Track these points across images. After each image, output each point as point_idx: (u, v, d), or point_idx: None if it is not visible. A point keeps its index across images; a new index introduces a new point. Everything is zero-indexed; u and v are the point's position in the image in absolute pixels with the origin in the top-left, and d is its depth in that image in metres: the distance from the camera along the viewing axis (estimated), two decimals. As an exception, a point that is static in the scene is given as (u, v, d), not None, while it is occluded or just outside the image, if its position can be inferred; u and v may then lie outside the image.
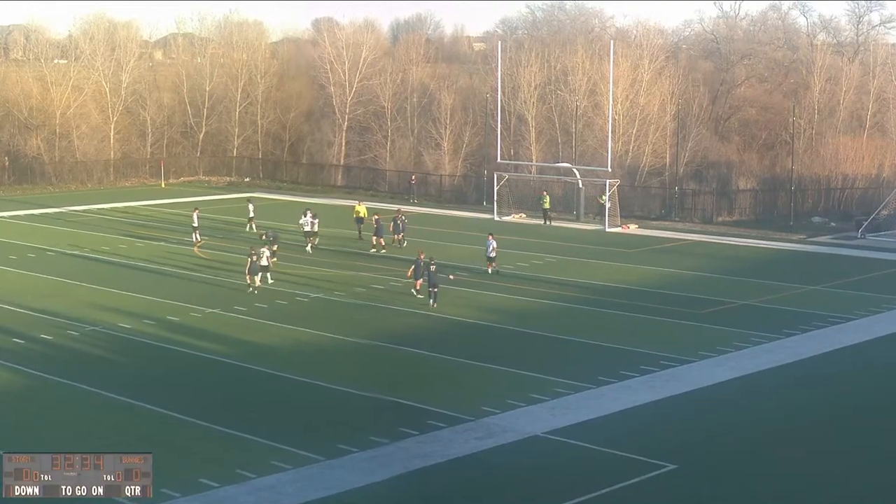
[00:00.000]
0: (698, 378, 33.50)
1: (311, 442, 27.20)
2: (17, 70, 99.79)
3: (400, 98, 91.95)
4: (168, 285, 47.41)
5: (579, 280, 49.04)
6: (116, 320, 40.57)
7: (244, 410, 30.15)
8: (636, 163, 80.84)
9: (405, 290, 45.70)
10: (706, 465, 26.36)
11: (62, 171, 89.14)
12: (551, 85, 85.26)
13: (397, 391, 31.68)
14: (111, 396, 31.35)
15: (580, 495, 24.13)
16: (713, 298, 45.12)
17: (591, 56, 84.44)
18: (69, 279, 48.80)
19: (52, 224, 67.14)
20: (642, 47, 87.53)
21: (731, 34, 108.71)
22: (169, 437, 28.08)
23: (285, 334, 38.97)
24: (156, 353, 36.54)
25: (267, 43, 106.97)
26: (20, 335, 38.18)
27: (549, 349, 37.14)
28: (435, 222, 66.47)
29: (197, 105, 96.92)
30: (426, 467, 25.87)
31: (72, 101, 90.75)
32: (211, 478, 24.78)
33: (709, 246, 60.02)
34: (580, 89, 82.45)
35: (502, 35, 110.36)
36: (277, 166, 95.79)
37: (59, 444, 27.18)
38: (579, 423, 29.10)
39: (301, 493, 24.12)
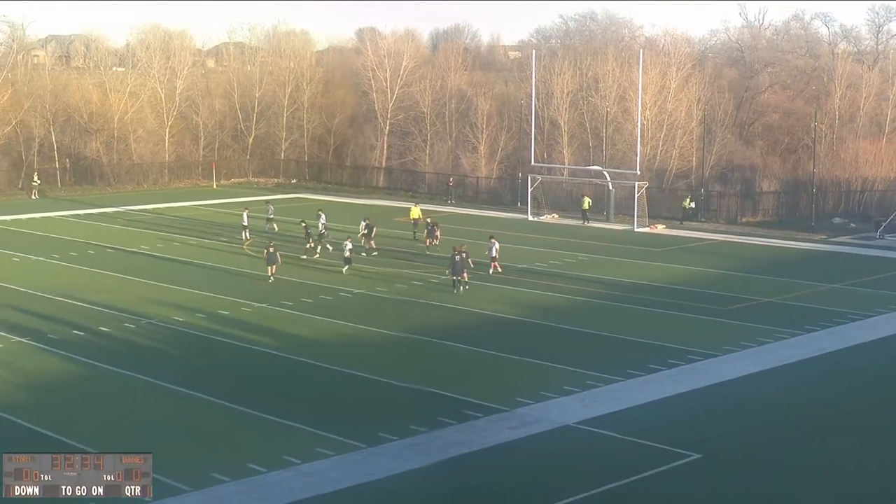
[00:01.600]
0: (723, 371, 33.33)
1: (353, 430, 27.24)
2: (78, 77, 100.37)
3: (439, 104, 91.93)
4: (219, 281, 47.60)
5: (609, 278, 48.87)
6: (170, 314, 40.78)
7: (291, 400, 30.24)
8: (664, 166, 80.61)
9: (444, 286, 45.75)
10: (731, 454, 26.20)
11: (119, 173, 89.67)
12: (583, 91, 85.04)
13: (435, 382, 31.70)
14: (165, 386, 31.53)
15: (609, 482, 24.09)
16: (737, 296, 44.87)
17: (621, 64, 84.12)
18: (126, 275, 49.08)
19: (109, 223, 67.56)
20: (670, 55, 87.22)
21: (756, 43, 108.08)
22: (218, 424, 28.23)
23: (330, 328, 39.05)
24: (207, 345, 36.71)
25: (313, 51, 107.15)
26: (80, 327, 38.44)
27: (580, 343, 37.04)
28: (471, 222, 66.40)
29: (247, 110, 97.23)
30: (462, 455, 25.87)
31: (129, 107, 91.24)
32: (258, 463, 24.87)
33: (733, 245, 59.69)
34: (610, 95, 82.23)
35: (536, 44, 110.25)
36: (322, 168, 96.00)
37: (114, 431, 27.47)
38: (609, 413, 29.03)
39: (344, 478, 24.18)
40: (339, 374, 32.93)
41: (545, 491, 23.65)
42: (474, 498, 23.58)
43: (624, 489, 23.83)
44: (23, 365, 33.63)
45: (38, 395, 30.80)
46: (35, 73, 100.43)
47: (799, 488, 24.30)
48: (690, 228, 65.67)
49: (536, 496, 23.38)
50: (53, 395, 30.89)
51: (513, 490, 23.94)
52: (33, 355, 34.71)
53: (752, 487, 24.20)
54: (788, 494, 23.96)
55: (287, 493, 23.31)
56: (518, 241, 59.57)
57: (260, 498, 23.02)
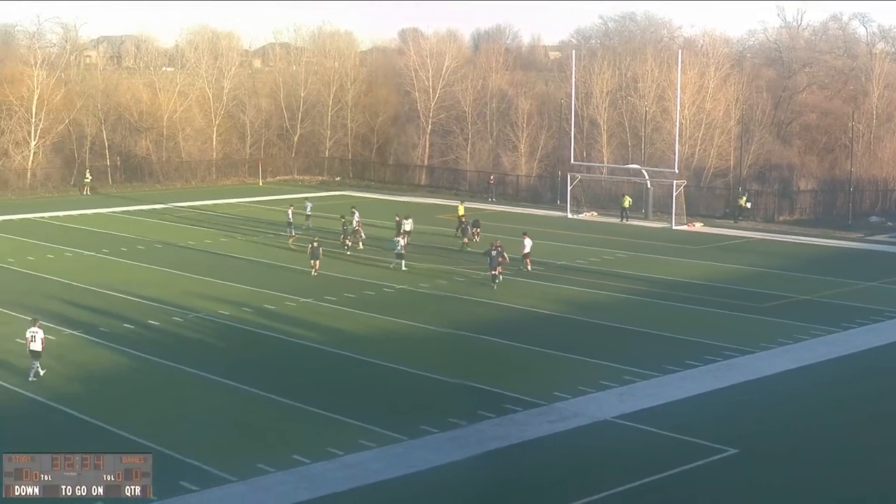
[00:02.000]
0: (760, 368, 33.16)
1: (395, 423, 27.34)
2: (128, 77, 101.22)
3: (480, 103, 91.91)
4: (264, 276, 47.87)
5: (647, 274, 48.72)
6: (217, 308, 41.07)
7: (334, 393, 30.37)
8: (702, 164, 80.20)
9: (485, 282, 45.81)
10: (768, 450, 26.03)
11: (168, 170, 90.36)
12: (622, 91, 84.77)
13: (475, 377, 31.73)
14: (212, 378, 31.76)
15: (646, 476, 24.02)
16: (774, 293, 44.60)
17: (660, 64, 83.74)
18: (174, 269, 49.47)
19: (159, 219, 68.11)
20: (708, 56, 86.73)
21: (794, 43, 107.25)
22: (263, 416, 28.39)
23: (373, 323, 39.18)
24: (253, 338, 36.92)
25: (357, 52, 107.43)
26: (130, 321, 38.79)
27: (617, 339, 36.96)
28: (511, 220, 66.37)
29: (292, 109, 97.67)
30: (501, 448, 25.89)
31: (178, 106, 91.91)
32: (303, 454, 25.00)
33: (770, 243, 59.31)
34: (649, 95, 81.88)
35: (577, 44, 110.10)
36: (366, 166, 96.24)
37: (163, 423, 27.70)
38: (646, 408, 28.96)
39: (386, 469, 24.27)
40: (381, 368, 33.05)
41: (584, 484, 23.62)
42: (514, 491, 23.60)
43: (661, 483, 23.76)
44: (75, 357, 33.99)
45: (91, 386, 31.11)
46: (87, 73, 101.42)
47: (836, 484, 24.14)
48: (728, 227, 65.33)
49: (576, 490, 23.33)
50: (105, 386, 31.18)
51: (552, 484, 23.94)
52: (85, 348, 35.07)
53: (789, 483, 24.06)
54: (826, 490, 23.79)
55: (330, 483, 23.43)
56: (557, 238, 59.49)
57: (304, 488, 23.13)
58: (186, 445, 25.66)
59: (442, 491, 23.47)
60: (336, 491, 23.05)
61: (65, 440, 26.36)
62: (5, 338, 36.18)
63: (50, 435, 26.84)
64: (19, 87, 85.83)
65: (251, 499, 22.57)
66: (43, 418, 28.20)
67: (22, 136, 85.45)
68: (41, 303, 41.66)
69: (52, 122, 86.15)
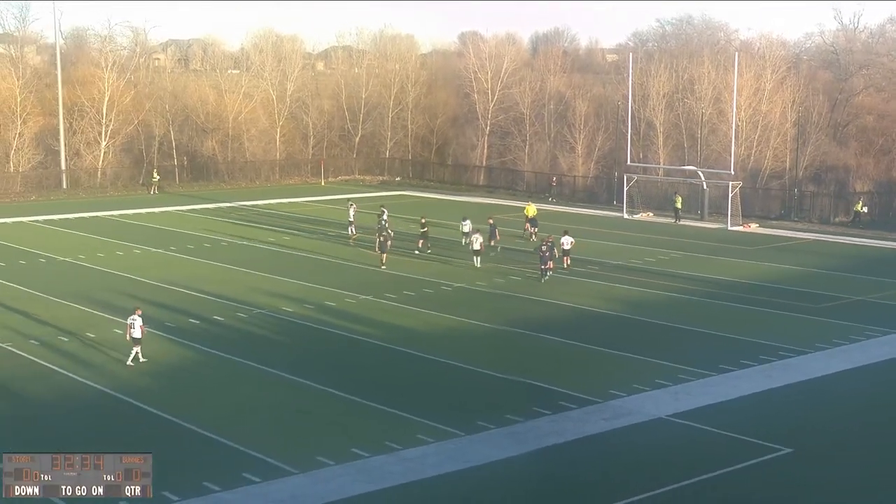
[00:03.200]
0: (814, 368, 32.77)
1: (452, 418, 27.34)
2: (195, 79, 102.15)
3: (538, 105, 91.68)
4: (326, 274, 48.07)
5: (702, 275, 48.32)
6: (279, 304, 41.31)
7: (393, 388, 30.44)
8: (757, 166, 79.45)
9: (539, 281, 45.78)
10: (821, 449, 25.78)
11: (233, 170, 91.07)
12: (678, 93, 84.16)
13: (531, 374, 31.67)
14: (274, 373, 31.95)
15: (700, 474, 23.85)
16: (829, 294, 44.06)
17: (717, 66, 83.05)
18: (239, 267, 49.83)
19: (224, 217, 68.64)
20: (765, 58, 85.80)
21: (850, 46, 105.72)
22: (324, 410, 28.53)
23: (431, 320, 39.21)
24: (314, 334, 37.09)
25: (417, 54, 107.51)
26: (196, 316, 39.13)
27: (673, 338, 36.68)
28: (568, 220, 66.09)
29: (354, 111, 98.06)
30: (558, 444, 25.81)
31: (243, 108, 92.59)
32: (362, 448, 25.07)
33: (826, 245, 58.59)
34: (706, 97, 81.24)
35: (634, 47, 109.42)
36: (425, 167, 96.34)
37: (228, 417, 27.92)
38: (701, 407, 28.73)
39: (443, 464, 24.28)
40: (439, 365, 33.06)
41: (640, 481, 23.47)
42: (571, 486, 23.50)
43: (717, 481, 23.56)
44: (143, 351, 34.31)
45: (159, 380, 31.42)
46: (156, 76, 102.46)
47: (890, 483, 23.80)
48: (783, 228, 64.62)
49: (631, 486, 23.20)
50: (172, 380, 31.49)
51: (607, 480, 23.81)
52: (153, 342, 35.35)
53: (842, 482, 23.78)
54: (878, 490, 23.47)
55: (388, 477, 23.48)
56: (613, 238, 59.22)
57: (362, 481, 23.21)
58: (249, 438, 25.85)
59: (498, 485, 23.43)
60: (393, 484, 23.10)
61: (130, 432, 26.69)
62: (76, 331, 36.69)
63: (115, 426, 27.17)
64: (91, 88, 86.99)
65: (311, 491, 22.67)
66: (112, 410, 28.55)
67: (93, 137, 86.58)
68: (110, 298, 42.18)
69: (121, 122, 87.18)
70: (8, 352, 34.13)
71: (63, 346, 34.77)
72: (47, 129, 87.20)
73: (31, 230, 62.19)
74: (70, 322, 38.21)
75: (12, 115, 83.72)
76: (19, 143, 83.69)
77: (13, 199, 78.18)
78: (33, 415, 28.20)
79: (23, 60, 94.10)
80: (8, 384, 30.64)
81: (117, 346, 34.70)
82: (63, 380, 31.17)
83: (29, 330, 36.93)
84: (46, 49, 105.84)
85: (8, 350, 34.31)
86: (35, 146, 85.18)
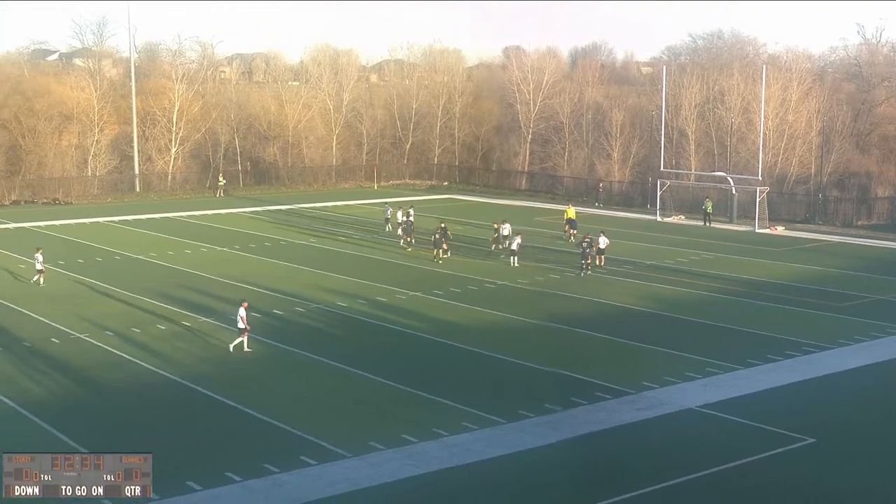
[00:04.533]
0: (837, 363, 32.44)
1: (495, 407, 27.33)
2: (258, 90, 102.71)
3: (576, 114, 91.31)
4: (378, 271, 48.15)
5: (730, 274, 47.94)
6: (335, 300, 41.47)
7: (440, 379, 30.45)
8: (784, 172, 78.62)
9: (577, 279, 45.62)
10: (843, 439, 25.52)
11: (293, 175, 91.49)
12: (709, 104, 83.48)
13: (569, 366, 31.58)
14: (329, 363, 32.09)
15: (728, 462, 23.69)
16: (852, 293, 43.56)
17: (746, 79, 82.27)
18: (297, 264, 50.08)
19: (284, 218, 68.99)
20: (791, 71, 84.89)
21: (873, 59, 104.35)
22: (376, 399, 28.61)
23: (476, 315, 39.19)
24: (367, 328, 37.18)
25: (464, 67, 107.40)
26: (257, 310, 39.24)
27: (702, 334, 36.44)
28: (605, 222, 65.75)
29: (405, 120, 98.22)
30: (593, 432, 25.73)
31: (302, 117, 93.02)
32: (410, 434, 25.15)
33: (849, 247, 57.92)
34: (735, 108, 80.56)
35: (667, 60, 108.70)
36: (471, 172, 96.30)
37: (285, 405, 28.05)
38: (728, 399, 28.52)
39: (486, 450, 24.29)
40: (483, 357, 33.04)
41: (670, 468, 23.34)
42: (605, 472, 23.43)
43: (745, 469, 23.38)
44: (208, 342, 34.63)
45: (222, 368, 31.64)
46: (222, 87, 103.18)
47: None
48: (809, 230, 63.98)
49: (662, 472, 23.07)
50: (234, 369, 31.69)
51: (639, 466, 23.69)
52: (217, 333, 35.69)
53: (864, 471, 23.52)
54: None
55: (435, 461, 23.53)
56: (647, 239, 58.91)
57: (411, 465, 23.27)
58: (306, 423, 25.99)
59: (537, 470, 23.39)
60: (440, 468, 23.15)
61: (196, 417, 26.92)
62: (148, 324, 37.05)
63: (183, 412, 27.42)
64: (162, 99, 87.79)
65: (364, 473, 22.75)
66: (180, 396, 28.79)
67: (164, 143, 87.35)
68: (178, 292, 42.56)
69: (190, 130, 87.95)
70: (86, 342, 34.55)
71: (135, 337, 35.12)
72: (122, 136, 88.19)
73: (107, 230, 62.88)
74: (142, 315, 38.60)
75: (90, 123, 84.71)
76: (97, 150, 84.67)
77: (91, 200, 79.12)
78: (109, 400, 28.50)
79: (100, 73, 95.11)
80: (86, 372, 31.02)
81: (185, 337, 35.05)
82: (136, 368, 31.48)
83: (104, 322, 37.34)
84: (122, 62, 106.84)
85: (86, 340, 34.73)
86: (111, 152, 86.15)
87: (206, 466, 22.96)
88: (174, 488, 21.54)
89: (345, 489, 21.93)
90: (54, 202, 77.59)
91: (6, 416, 26.82)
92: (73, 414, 27.02)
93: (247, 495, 21.51)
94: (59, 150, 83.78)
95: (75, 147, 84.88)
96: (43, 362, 31.98)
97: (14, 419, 26.54)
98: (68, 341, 34.60)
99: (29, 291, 43.04)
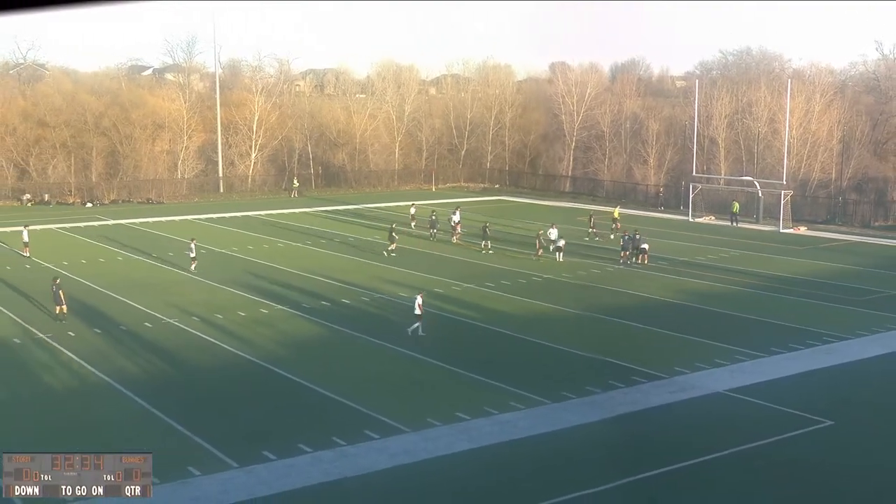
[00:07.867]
0: (855, 352, 31.98)
1: (540, 389, 27.30)
2: (329, 102, 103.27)
3: (616, 124, 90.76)
4: (434, 265, 48.26)
5: (756, 270, 47.40)
6: (396, 290, 41.60)
7: (490, 363, 30.45)
8: (807, 177, 77.53)
9: (617, 273, 45.37)
10: (860, 422, 25.16)
11: (359, 178, 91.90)
12: (738, 114, 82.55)
13: (608, 353, 31.43)
14: (391, 347, 32.21)
15: (752, 441, 23.47)
16: (870, 288, 42.88)
17: (772, 91, 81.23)
18: (362, 258, 50.30)
19: (351, 217, 69.33)
20: (814, 84, 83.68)
21: (890, 73, 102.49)
22: (435, 380, 28.69)
23: (524, 306, 39.14)
24: (426, 316, 37.19)
25: (514, 81, 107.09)
26: (327, 299, 39.66)
27: (730, 324, 36.07)
28: (641, 222, 65.31)
29: (460, 129, 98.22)
30: (629, 413, 25.62)
31: (368, 126, 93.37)
32: (464, 412, 25.20)
33: (867, 246, 56.99)
34: (762, 118, 79.60)
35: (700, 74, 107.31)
36: (520, 176, 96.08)
37: (354, 385, 28.18)
38: (754, 384, 28.23)
39: (531, 427, 24.28)
40: (530, 344, 33.00)
41: (701, 445, 23.19)
42: (640, 448, 23.31)
43: (767, 448, 23.14)
44: (283, 327, 34.93)
45: (296, 351, 31.91)
46: (296, 99, 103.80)
47: (920, 454, 23.14)
48: (829, 230, 63.04)
49: (693, 449, 22.92)
50: (307, 352, 31.95)
51: (671, 443, 23.54)
52: (291, 320, 35.99)
53: (879, 450, 23.17)
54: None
55: (486, 436, 23.56)
56: (680, 238, 58.40)
57: (464, 439, 23.33)
58: (371, 401, 26.12)
59: (579, 445, 23.33)
60: (490, 443, 23.16)
61: (274, 395, 27.17)
62: (230, 310, 37.45)
63: (262, 390, 27.68)
64: (243, 110, 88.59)
65: (422, 447, 22.85)
66: (258, 376, 29.05)
67: (245, 149, 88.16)
68: (257, 283, 42.95)
69: (268, 138, 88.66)
70: (175, 326, 35.01)
71: (219, 322, 35.52)
72: (208, 143, 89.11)
73: (194, 226, 63.57)
74: (224, 302, 39.03)
75: (180, 131, 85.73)
76: (185, 155, 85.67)
77: (180, 200, 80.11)
78: (195, 378, 28.88)
79: (189, 86, 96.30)
80: (175, 353, 31.45)
81: (263, 321, 35.36)
82: (219, 350, 31.86)
83: (192, 308, 37.81)
84: (208, 77, 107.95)
85: (175, 325, 35.20)
86: (198, 157, 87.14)
87: (281, 438, 23.20)
88: (252, 458, 21.80)
89: (404, 461, 22.01)
90: (148, 201, 78.70)
91: (106, 391, 27.28)
92: (163, 390, 27.40)
93: (317, 464, 21.68)
94: (152, 155, 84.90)
95: (166, 152, 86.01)
96: (137, 344, 32.48)
97: (112, 394, 26.98)
98: (160, 325, 35.10)
99: (127, 278, 43.65)
